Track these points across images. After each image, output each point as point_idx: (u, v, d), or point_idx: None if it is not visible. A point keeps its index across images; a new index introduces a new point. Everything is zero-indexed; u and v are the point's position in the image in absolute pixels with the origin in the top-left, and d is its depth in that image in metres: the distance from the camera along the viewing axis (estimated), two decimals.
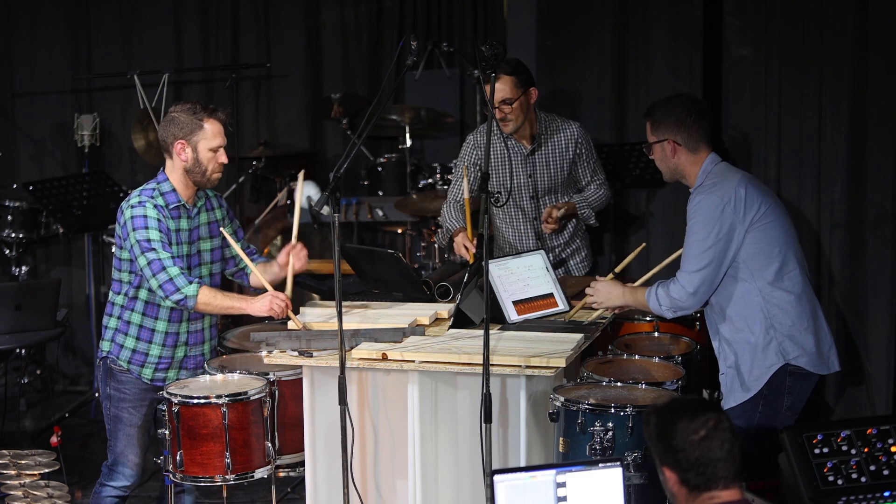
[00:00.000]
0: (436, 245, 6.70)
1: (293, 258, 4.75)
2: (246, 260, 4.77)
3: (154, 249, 4.54)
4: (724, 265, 4.29)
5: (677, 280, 4.34)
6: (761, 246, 4.27)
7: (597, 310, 4.71)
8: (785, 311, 4.28)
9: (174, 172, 4.68)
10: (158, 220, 4.59)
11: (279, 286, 4.75)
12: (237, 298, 4.64)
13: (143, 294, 4.68)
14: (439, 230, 5.63)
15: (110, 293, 4.78)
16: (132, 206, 4.61)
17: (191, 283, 4.54)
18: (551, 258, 5.52)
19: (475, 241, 5.25)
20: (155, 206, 4.61)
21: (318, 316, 4.76)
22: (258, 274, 4.77)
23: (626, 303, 4.58)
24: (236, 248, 4.74)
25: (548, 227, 5.44)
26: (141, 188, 4.70)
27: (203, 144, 4.64)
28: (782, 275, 4.28)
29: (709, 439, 3.12)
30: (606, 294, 4.61)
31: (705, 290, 4.31)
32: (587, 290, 4.70)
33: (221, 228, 4.75)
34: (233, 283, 6.45)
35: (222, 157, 4.67)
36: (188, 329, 4.77)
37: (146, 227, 4.57)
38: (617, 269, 4.80)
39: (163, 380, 4.74)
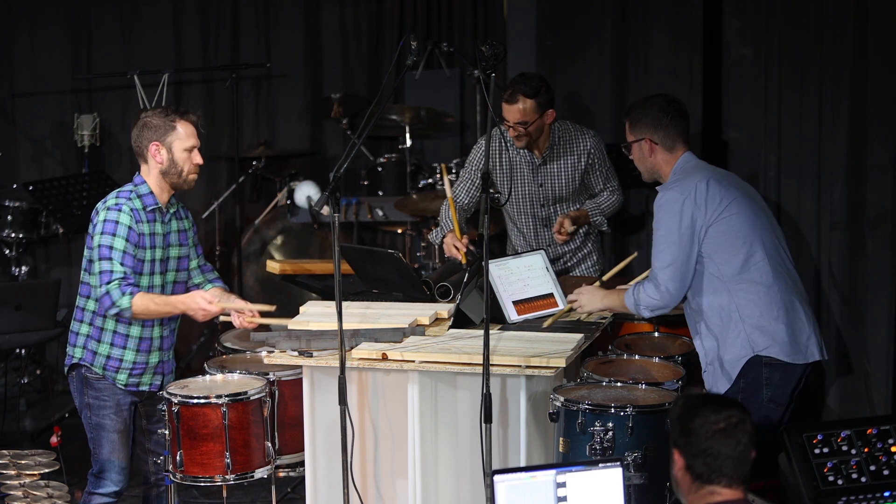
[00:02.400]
0: (435, 245, 6.69)
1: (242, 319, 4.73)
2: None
3: (111, 259, 4.53)
4: (691, 259, 4.32)
5: (650, 278, 4.38)
6: (725, 239, 4.30)
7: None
8: (752, 303, 4.30)
9: (150, 176, 4.67)
10: (129, 227, 4.56)
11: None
12: (174, 301, 4.62)
13: None
14: (435, 228, 5.61)
15: (78, 297, 4.73)
16: (108, 209, 4.59)
17: (124, 294, 4.51)
18: (561, 264, 5.52)
19: (465, 240, 5.24)
20: (131, 209, 4.59)
21: (318, 316, 4.75)
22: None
23: (606, 306, 4.70)
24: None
25: (560, 238, 5.41)
26: (118, 189, 4.69)
27: (178, 145, 4.63)
28: (748, 266, 4.31)
29: (724, 434, 3.14)
30: (588, 298, 4.73)
31: (677, 286, 4.34)
32: (570, 296, 4.79)
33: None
34: (232, 281, 6.45)
35: (197, 158, 4.68)
36: (161, 334, 4.75)
37: (114, 234, 4.55)
38: (605, 278, 4.90)
39: (136, 385, 4.71)
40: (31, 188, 6.83)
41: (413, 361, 4.34)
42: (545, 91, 5.28)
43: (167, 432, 4.57)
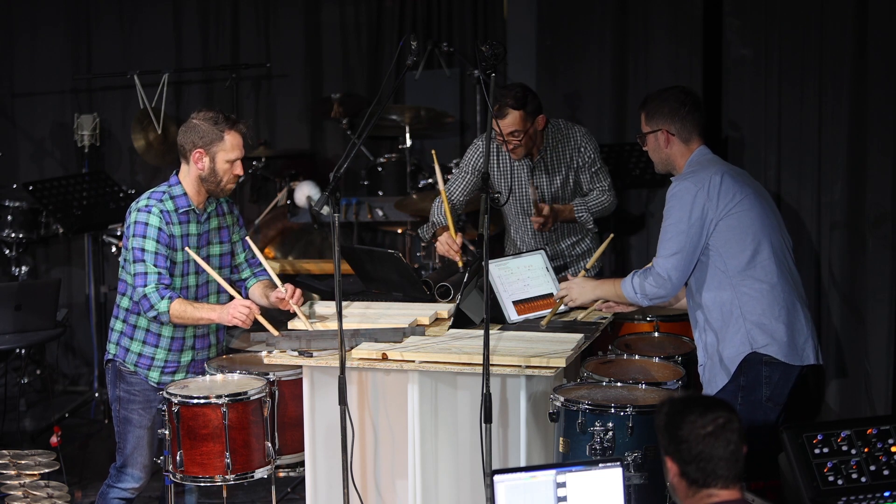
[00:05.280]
0: (424, 240, 6.68)
1: (292, 304, 4.68)
2: (220, 280, 4.71)
3: (144, 261, 4.57)
4: (697, 250, 4.32)
5: (653, 266, 4.38)
6: (734, 233, 4.30)
7: (574, 308, 4.79)
8: (755, 300, 4.30)
9: (188, 178, 4.69)
10: (159, 229, 4.59)
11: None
12: (206, 309, 4.63)
13: None
14: (425, 224, 5.57)
15: (117, 295, 4.79)
16: (138, 210, 4.63)
17: (163, 298, 4.54)
18: (559, 261, 5.50)
19: (459, 239, 5.22)
20: (161, 211, 4.61)
21: (318, 316, 4.76)
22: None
23: (599, 295, 4.64)
24: (207, 268, 4.70)
25: (535, 221, 5.34)
26: (152, 190, 4.71)
27: (221, 156, 4.65)
28: (754, 263, 4.31)
29: (714, 436, 3.13)
30: (579, 290, 4.68)
31: (678, 276, 4.34)
32: (560, 290, 4.75)
33: (187, 248, 4.68)
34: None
35: (238, 169, 4.69)
36: (195, 333, 4.77)
37: (144, 237, 4.58)
38: (588, 265, 4.92)
39: (170, 383, 4.74)
40: (31, 188, 6.83)
41: (413, 361, 4.34)
42: (531, 99, 5.24)
43: (167, 432, 4.58)
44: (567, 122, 5.49)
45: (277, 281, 4.72)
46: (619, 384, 4.42)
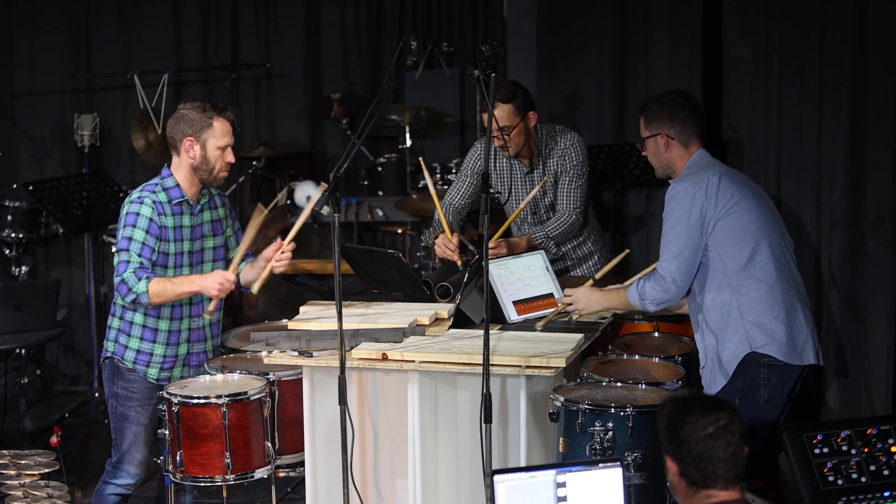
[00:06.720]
0: (428, 245, 6.68)
1: (274, 259, 4.71)
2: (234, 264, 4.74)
3: (128, 250, 4.58)
4: (698, 251, 4.33)
5: (656, 271, 4.39)
6: (732, 234, 4.31)
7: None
8: (754, 300, 4.31)
9: (180, 169, 4.71)
10: (150, 219, 4.61)
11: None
12: (186, 282, 4.62)
13: None
14: (427, 229, 5.56)
15: (115, 292, 4.79)
16: (131, 202, 4.66)
17: (140, 279, 4.55)
18: (561, 264, 5.49)
19: (455, 239, 5.20)
20: (154, 202, 4.63)
21: (318, 316, 4.76)
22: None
23: (606, 306, 4.64)
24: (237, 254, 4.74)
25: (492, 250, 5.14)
26: (144, 184, 4.74)
27: (212, 142, 4.67)
28: (752, 263, 4.32)
29: (714, 438, 3.13)
30: (586, 300, 4.66)
31: (683, 278, 4.35)
32: (565, 297, 4.74)
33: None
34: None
35: (229, 156, 4.71)
36: (190, 326, 4.78)
37: (133, 226, 4.60)
38: (598, 276, 4.85)
39: (168, 379, 4.75)
40: (31, 188, 6.83)
41: (413, 361, 4.34)
42: (521, 94, 5.23)
43: (167, 432, 4.58)
44: (565, 127, 5.46)
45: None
46: (619, 384, 4.42)
